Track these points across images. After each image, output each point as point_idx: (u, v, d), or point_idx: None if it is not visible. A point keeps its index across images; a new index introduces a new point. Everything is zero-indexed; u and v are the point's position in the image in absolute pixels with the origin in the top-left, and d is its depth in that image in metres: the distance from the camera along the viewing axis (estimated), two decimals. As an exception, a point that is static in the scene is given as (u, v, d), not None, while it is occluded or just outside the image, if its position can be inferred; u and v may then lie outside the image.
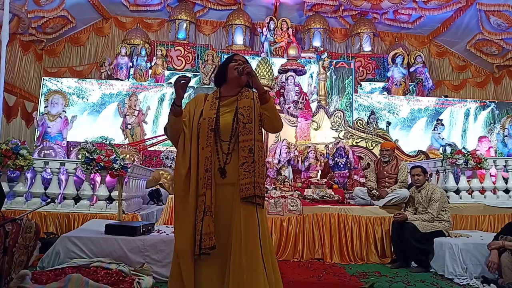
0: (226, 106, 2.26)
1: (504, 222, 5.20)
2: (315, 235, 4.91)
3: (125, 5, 11.39)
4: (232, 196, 2.15)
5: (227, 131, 2.20)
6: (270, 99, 2.21)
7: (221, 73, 2.34)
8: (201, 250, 2.06)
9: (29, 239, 2.96)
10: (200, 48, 11.29)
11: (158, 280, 3.50)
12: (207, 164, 2.13)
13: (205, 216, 2.08)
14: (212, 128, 2.18)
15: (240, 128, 2.17)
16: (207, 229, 2.07)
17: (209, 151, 2.15)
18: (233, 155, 2.18)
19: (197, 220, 2.09)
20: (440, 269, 4.25)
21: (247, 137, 2.15)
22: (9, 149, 4.63)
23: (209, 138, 2.16)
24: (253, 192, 2.09)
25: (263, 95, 2.18)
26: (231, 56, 2.37)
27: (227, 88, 2.31)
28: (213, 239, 2.07)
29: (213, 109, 2.24)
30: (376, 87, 11.48)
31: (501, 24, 10.38)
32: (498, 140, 8.84)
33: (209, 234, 2.07)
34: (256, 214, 2.09)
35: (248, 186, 2.09)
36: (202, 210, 2.09)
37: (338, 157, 6.58)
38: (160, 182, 6.71)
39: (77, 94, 9.56)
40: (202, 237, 2.06)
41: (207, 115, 2.22)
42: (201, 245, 2.06)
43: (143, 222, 4.20)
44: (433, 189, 4.64)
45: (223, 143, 2.19)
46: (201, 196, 2.11)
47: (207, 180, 2.11)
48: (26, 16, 8.53)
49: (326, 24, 11.94)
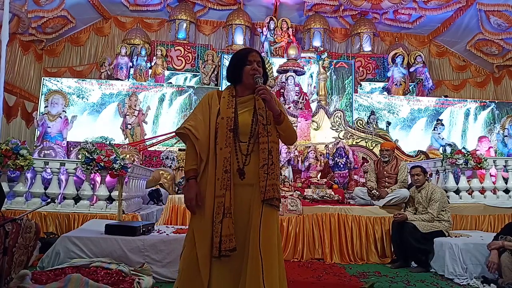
0: (243, 104, 2.22)
1: (504, 222, 5.21)
2: (315, 235, 4.92)
3: (125, 5, 11.38)
4: (250, 196, 2.12)
5: (246, 132, 2.17)
6: (285, 119, 2.18)
7: (237, 73, 2.25)
8: (221, 252, 2.03)
9: (29, 239, 2.96)
10: (200, 48, 11.29)
11: (158, 280, 3.51)
12: (226, 165, 2.10)
13: (225, 218, 2.05)
14: (231, 128, 2.14)
15: (260, 129, 2.14)
16: (227, 231, 2.04)
17: (228, 152, 2.11)
18: (252, 156, 2.15)
19: (216, 222, 2.05)
20: (440, 269, 4.25)
21: (266, 139, 2.13)
22: (9, 149, 4.63)
23: (228, 139, 2.12)
24: (273, 195, 2.09)
25: (278, 118, 2.15)
26: (244, 54, 2.25)
27: (243, 88, 2.26)
28: (233, 241, 2.05)
29: (231, 108, 2.18)
30: (376, 87, 11.48)
31: (501, 24, 10.38)
32: (498, 140, 8.84)
33: (229, 236, 2.04)
34: (274, 216, 2.12)
35: (269, 188, 2.08)
36: (221, 211, 2.06)
37: (338, 157, 6.58)
38: (160, 182, 6.72)
39: (77, 94, 9.56)
40: (222, 239, 2.03)
41: (225, 114, 2.16)
42: (221, 247, 2.03)
43: (143, 222, 4.20)
44: (433, 189, 4.64)
45: (241, 144, 2.15)
46: (220, 197, 2.07)
47: (226, 181, 2.08)
48: (26, 16, 8.53)
49: (326, 24, 11.94)
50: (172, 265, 3.56)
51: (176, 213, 5.24)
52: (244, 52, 2.28)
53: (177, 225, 4.95)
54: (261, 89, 2.11)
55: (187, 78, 11.04)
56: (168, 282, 3.51)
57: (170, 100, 9.79)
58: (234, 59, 2.29)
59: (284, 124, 2.18)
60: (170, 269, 3.57)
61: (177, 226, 4.70)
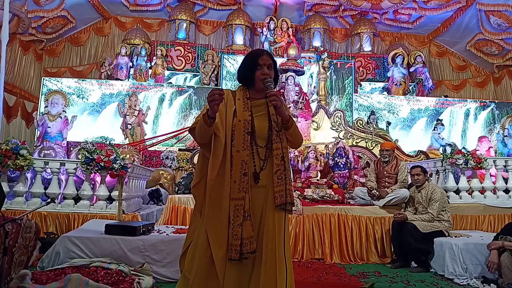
0: (257, 107, 2.21)
1: (504, 222, 5.21)
2: (315, 235, 4.92)
3: (125, 5, 11.38)
4: (264, 198, 2.13)
5: (263, 136, 2.17)
6: (293, 125, 2.18)
7: (248, 77, 2.24)
8: (242, 255, 2.03)
9: (29, 239, 2.96)
10: (200, 48, 11.29)
11: (158, 280, 3.51)
12: (245, 168, 2.09)
13: (245, 221, 2.06)
14: (249, 131, 2.14)
15: (274, 136, 2.16)
16: (248, 233, 2.05)
17: (246, 155, 2.11)
18: (268, 161, 2.16)
19: (235, 225, 2.05)
20: (440, 269, 4.25)
21: (279, 145, 2.15)
22: (9, 149, 4.63)
23: (246, 142, 2.12)
24: (285, 200, 2.11)
25: (286, 124, 2.15)
26: (255, 57, 2.23)
27: (254, 91, 2.25)
28: (254, 243, 2.06)
29: (247, 111, 2.17)
30: (376, 87, 11.49)
31: (501, 24, 10.38)
32: (498, 140, 8.84)
33: (250, 239, 2.05)
34: (285, 220, 2.14)
35: (282, 193, 2.11)
36: (241, 214, 2.06)
37: (338, 157, 6.58)
38: (160, 182, 6.73)
39: (77, 94, 9.56)
40: (243, 242, 2.03)
41: (242, 117, 2.15)
42: (242, 250, 2.03)
43: (143, 222, 4.20)
44: (433, 189, 4.65)
45: (259, 148, 2.16)
46: (239, 200, 2.07)
47: (245, 184, 2.08)
48: (26, 16, 8.53)
49: (326, 24, 11.93)
50: (172, 265, 3.56)
51: (176, 213, 5.24)
52: (255, 55, 2.25)
53: (177, 225, 4.95)
54: (272, 95, 2.09)
55: (187, 78, 11.04)
56: (168, 282, 3.51)
57: (170, 100, 9.79)
58: (246, 61, 2.27)
59: (292, 129, 2.18)
60: (170, 269, 3.57)
61: (177, 226, 4.70)
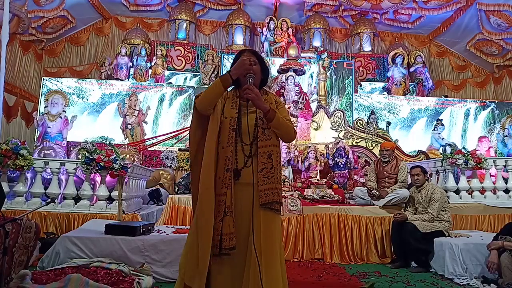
0: (245, 107, 2.23)
1: (504, 222, 5.21)
2: (315, 235, 4.92)
3: (125, 5, 11.38)
4: (249, 196, 2.12)
5: (249, 134, 2.19)
6: (275, 117, 2.16)
7: None
8: (221, 251, 2.05)
9: (29, 239, 2.96)
10: (200, 48, 11.29)
11: (158, 280, 3.51)
12: (228, 164, 2.12)
13: (226, 216, 2.07)
14: (234, 128, 2.17)
15: (259, 133, 2.17)
16: (228, 229, 2.06)
17: (230, 151, 2.14)
18: (253, 158, 2.17)
19: (217, 220, 2.07)
20: (440, 269, 4.25)
21: (266, 143, 2.16)
22: (9, 149, 4.63)
23: (231, 138, 2.15)
24: (272, 198, 2.11)
25: (266, 115, 2.15)
26: (238, 56, 2.29)
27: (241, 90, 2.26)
28: (233, 240, 2.06)
29: (235, 108, 2.21)
30: (376, 87, 11.48)
31: (501, 24, 10.37)
32: (498, 140, 8.84)
33: (230, 235, 2.05)
34: (274, 220, 2.13)
35: (267, 192, 2.10)
36: (222, 210, 2.08)
37: (338, 157, 6.58)
38: (160, 182, 6.73)
39: (77, 94, 9.57)
40: (222, 237, 2.05)
41: (229, 114, 2.19)
42: (221, 246, 2.04)
43: (143, 222, 4.20)
44: (433, 189, 4.65)
45: (244, 145, 2.17)
46: (221, 195, 2.09)
47: (227, 180, 2.10)
48: (26, 16, 8.53)
49: (326, 24, 11.93)
50: (172, 265, 3.56)
51: (176, 213, 5.24)
52: (238, 54, 2.31)
53: (177, 225, 4.95)
54: (245, 88, 2.12)
55: (187, 78, 11.04)
56: (168, 282, 3.51)
57: (170, 100, 9.80)
58: (233, 62, 2.31)
59: (275, 121, 2.16)
60: (170, 269, 3.57)
61: (177, 226, 4.70)
